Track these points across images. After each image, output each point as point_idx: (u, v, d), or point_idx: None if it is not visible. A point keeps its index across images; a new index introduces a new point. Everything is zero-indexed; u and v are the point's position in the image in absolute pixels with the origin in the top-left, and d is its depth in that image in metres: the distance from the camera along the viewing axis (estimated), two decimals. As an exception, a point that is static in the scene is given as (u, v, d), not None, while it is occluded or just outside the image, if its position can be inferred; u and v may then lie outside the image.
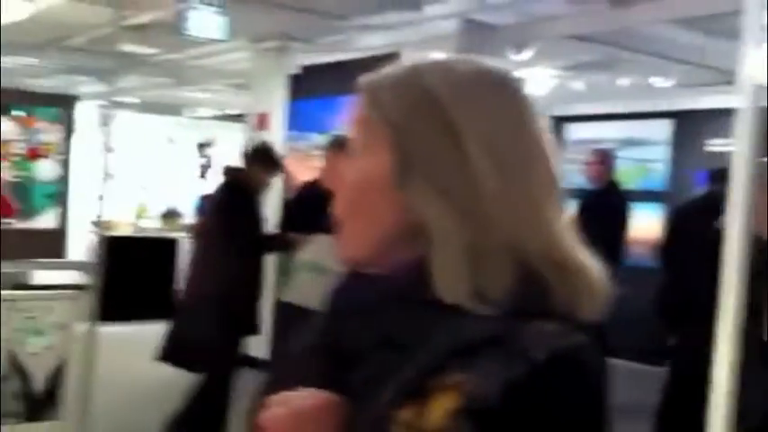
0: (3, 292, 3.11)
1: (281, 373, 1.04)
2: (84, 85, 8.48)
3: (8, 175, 3.29)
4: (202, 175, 10.28)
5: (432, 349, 0.81)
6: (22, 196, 3.30)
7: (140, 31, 5.82)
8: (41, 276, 5.91)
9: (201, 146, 10.31)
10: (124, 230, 7.79)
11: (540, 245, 0.85)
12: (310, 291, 3.91)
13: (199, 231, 4.70)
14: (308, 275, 3.81)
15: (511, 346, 0.78)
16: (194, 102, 10.07)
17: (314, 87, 6.39)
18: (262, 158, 4.38)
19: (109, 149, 3.61)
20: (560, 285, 0.84)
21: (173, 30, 5.23)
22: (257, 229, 4.25)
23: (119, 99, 6.93)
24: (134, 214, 8.75)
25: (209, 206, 4.56)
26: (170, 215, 8.97)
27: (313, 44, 6.41)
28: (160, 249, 7.71)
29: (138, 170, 9.00)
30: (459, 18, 5.28)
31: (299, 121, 6.59)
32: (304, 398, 0.88)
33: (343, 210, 0.92)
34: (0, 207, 3.27)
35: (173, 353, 4.14)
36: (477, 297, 0.81)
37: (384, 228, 0.88)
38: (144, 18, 5.45)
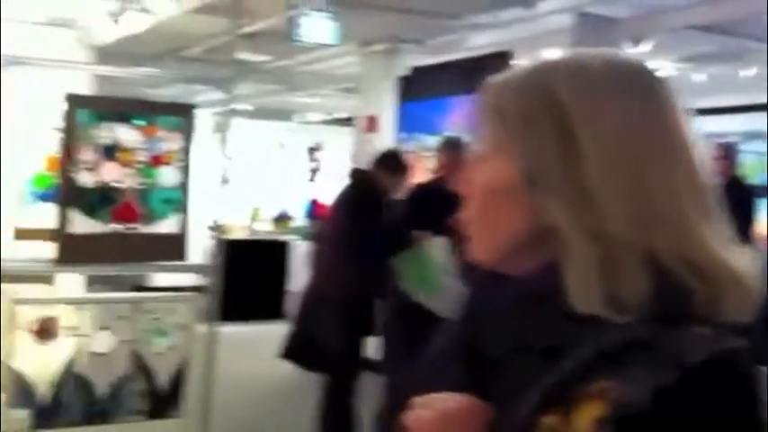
0: (129, 294, 3.22)
1: (417, 376, 1.02)
2: (200, 94, 8.77)
3: (132, 181, 3.38)
4: (312, 179, 10.47)
5: (574, 356, 0.78)
6: (145, 202, 3.39)
7: (254, 40, 5.96)
8: (164, 279, 6.14)
9: (311, 150, 10.49)
10: (239, 234, 8.01)
11: (676, 245, 0.81)
12: (436, 293, 3.90)
13: (322, 232, 4.73)
14: (432, 277, 3.79)
15: (659, 351, 0.74)
16: (304, 107, 10.27)
17: (424, 89, 6.39)
18: (389, 163, 4.37)
19: (227, 156, 3.67)
20: (700, 286, 0.80)
21: (284, 37, 5.33)
22: (382, 230, 4.23)
23: (233, 107, 7.12)
24: (248, 218, 8.98)
25: (333, 207, 4.59)
26: (281, 218, 9.17)
27: (422, 45, 6.41)
28: (272, 252, 7.89)
29: (252, 175, 9.25)
30: (573, 12, 5.17)
31: (408, 123, 6.61)
32: (449, 401, 0.88)
33: (472, 213, 0.91)
34: (126, 213, 3.36)
35: (295, 352, 4.20)
36: (613, 304, 0.78)
37: (513, 232, 0.87)
38: (257, 26, 5.57)
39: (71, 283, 4.76)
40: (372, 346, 4.66)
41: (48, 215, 4.76)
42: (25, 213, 4.78)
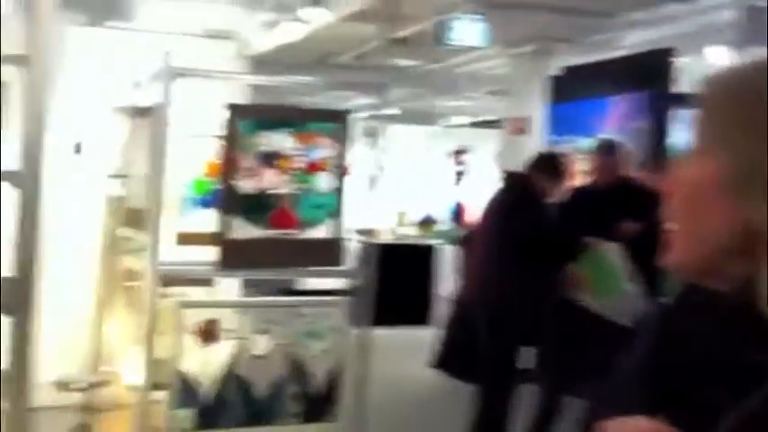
0: (286, 298, 3.28)
1: (608, 397, 0.97)
2: (350, 100, 8.91)
3: (289, 188, 3.44)
4: (457, 183, 10.43)
5: None
6: (301, 208, 3.45)
7: (403, 45, 5.98)
8: (312, 282, 6.26)
9: (456, 153, 10.47)
10: (385, 238, 8.06)
11: None
12: (616, 300, 3.75)
13: (474, 237, 4.64)
14: (614, 283, 3.66)
15: None
16: (450, 110, 10.25)
17: (576, 89, 6.22)
18: (546, 166, 4.26)
19: (379, 163, 3.69)
20: None
21: (433, 41, 5.33)
22: (541, 235, 4.09)
23: (382, 112, 7.20)
24: (395, 221, 9.05)
25: (487, 212, 4.49)
26: (426, 222, 9.18)
27: (574, 45, 6.25)
28: (418, 256, 7.90)
29: (398, 179, 9.32)
30: (738, 6, 4.89)
31: (559, 125, 6.45)
32: (640, 425, 0.83)
33: (673, 214, 0.85)
34: (283, 218, 3.42)
35: (447, 361, 4.15)
36: None
37: (717, 238, 0.81)
38: (407, 32, 5.59)
39: (227, 286, 4.92)
40: (529, 356, 4.56)
41: (206, 220, 4.96)
42: (185, 218, 4.97)
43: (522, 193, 4.16)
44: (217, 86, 4.43)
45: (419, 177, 10.09)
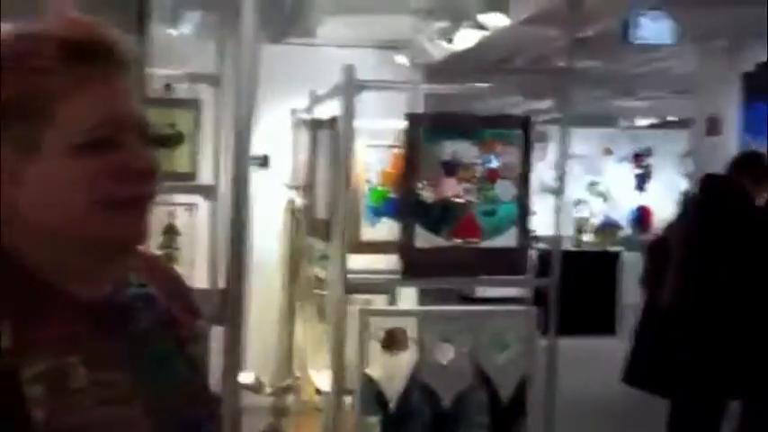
0: (472, 308, 3.25)
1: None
2: (525, 104, 8.76)
3: (471, 196, 3.41)
4: (639, 187, 10.03)
5: None
6: (484, 217, 3.40)
7: (583, 46, 5.80)
8: (491, 290, 6.19)
9: (638, 156, 10.07)
10: (564, 245, 7.84)
11: None
12: None
13: (673, 242, 4.38)
14: None
15: None
16: (632, 111, 9.89)
17: (771, 86, 5.81)
18: (753, 168, 3.96)
19: (559, 169, 3.58)
20: None
21: (616, 40, 5.14)
22: (757, 243, 3.78)
23: (559, 115, 7.03)
24: (574, 228, 8.82)
25: (683, 217, 4.23)
26: (607, 228, 8.89)
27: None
28: (601, 263, 7.64)
29: (577, 184, 9.07)
30: None
31: (755, 124, 6.04)
32: None
33: None
34: (466, 228, 3.39)
35: (641, 376, 3.95)
36: None
37: None
38: (588, 32, 5.42)
39: (405, 294, 4.95)
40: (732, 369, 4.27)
41: (383, 229, 5.01)
42: (365, 227, 5.04)
43: (724, 197, 3.89)
44: (389, 96, 4.48)
45: (598, 182, 9.80)
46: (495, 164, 3.48)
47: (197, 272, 3.51)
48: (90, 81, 0.96)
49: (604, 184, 9.95)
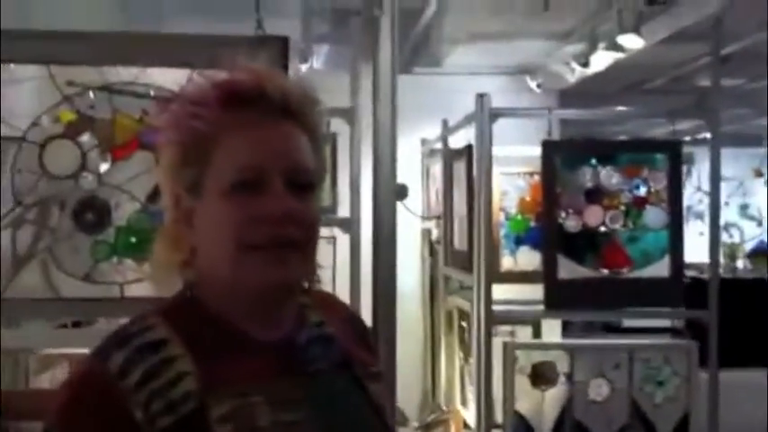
0: (625, 341, 3.12)
1: None
2: (663, 126, 8.47)
3: (618, 224, 3.28)
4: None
5: None
6: (632, 245, 3.27)
7: (725, 64, 5.54)
8: (653, 323, 5.92)
9: (789, 174, 9.53)
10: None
11: None
12: None
13: None
14: None
15: None
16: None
17: None
18: None
19: (714, 192, 3.40)
20: None
21: (761, 56, 4.89)
22: None
23: (704, 135, 6.75)
24: (724, 254, 8.40)
25: None
26: (760, 253, 8.41)
27: None
28: (757, 290, 7.20)
29: (726, 207, 8.65)
30: None
31: None
32: None
33: None
34: (613, 257, 3.27)
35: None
36: None
37: None
38: (729, 49, 5.18)
39: (550, 325, 4.80)
40: None
41: (523, 258, 4.90)
42: (505, 257, 4.95)
43: None
44: (522, 122, 4.40)
45: (749, 204, 9.33)
46: (642, 190, 3.35)
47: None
48: (244, 126, 1.00)
49: (755, 207, 9.46)
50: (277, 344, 1.03)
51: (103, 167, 1.86)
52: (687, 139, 7.21)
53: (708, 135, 3.29)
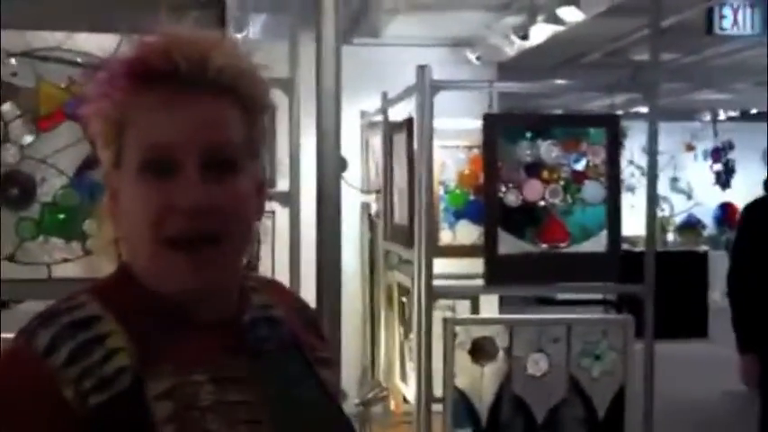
0: (562, 316, 3.13)
1: None
2: (596, 100, 8.57)
3: (557, 199, 3.28)
4: (722, 183, 9.70)
5: None
6: (571, 220, 3.28)
7: (662, 37, 5.59)
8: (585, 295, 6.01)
9: (719, 150, 9.75)
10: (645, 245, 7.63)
11: None
12: None
13: None
14: None
15: None
16: (713, 104, 9.56)
17: None
18: None
19: (651, 167, 3.42)
20: None
21: (698, 31, 4.94)
22: None
23: (636, 110, 6.86)
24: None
25: None
26: (690, 226, 8.62)
27: None
28: (686, 264, 7.38)
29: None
30: None
31: None
32: None
33: None
34: (552, 232, 3.27)
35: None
36: None
37: None
38: (665, 22, 5.22)
39: (487, 300, 4.82)
40: None
41: (462, 232, 4.89)
42: (441, 231, 4.94)
43: None
44: (460, 94, 4.37)
45: (679, 178, 9.53)
46: (581, 164, 3.35)
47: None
48: (153, 105, 0.93)
49: (686, 181, 9.67)
50: (220, 323, 0.97)
51: (27, 139, 1.75)
52: (622, 113, 7.31)
53: (641, 109, 3.30)
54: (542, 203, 3.28)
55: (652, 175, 3.48)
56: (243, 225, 0.96)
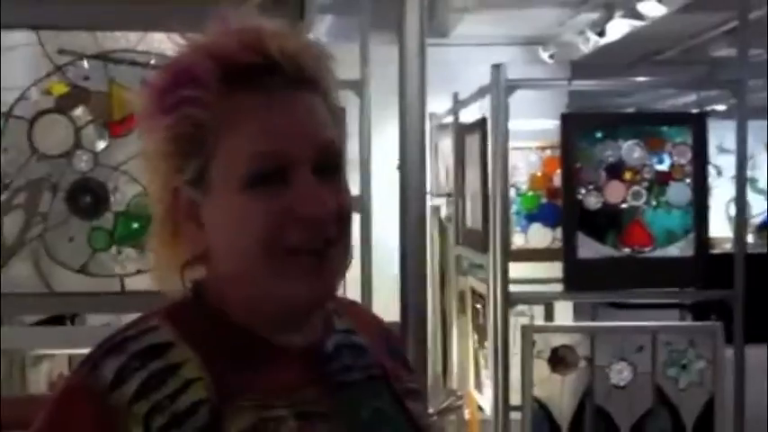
0: (646, 323, 3.00)
1: None
2: (673, 98, 8.32)
3: (640, 201, 3.15)
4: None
5: None
6: (655, 223, 3.15)
7: (737, 34, 5.38)
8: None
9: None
10: (723, 247, 7.40)
11: None
12: None
13: None
14: None
15: None
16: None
17: None
18: None
19: (740, 168, 3.26)
20: None
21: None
22: None
23: (712, 108, 6.63)
24: (732, 228, 8.28)
25: None
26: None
27: None
28: (764, 266, 7.10)
29: (732, 180, 8.55)
30: None
31: None
32: None
33: None
34: (635, 235, 3.14)
35: None
36: None
37: None
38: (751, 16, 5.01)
39: (563, 306, 4.69)
40: None
41: (535, 236, 4.77)
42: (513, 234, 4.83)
43: None
44: (530, 94, 4.27)
45: (757, 178, 9.22)
46: (665, 165, 3.22)
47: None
48: (253, 107, 0.84)
49: (764, 181, 9.34)
50: (302, 351, 0.88)
51: (100, 145, 1.71)
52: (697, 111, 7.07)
53: (717, 107, 3.14)
54: (624, 206, 3.17)
55: (741, 177, 3.31)
56: (351, 229, 0.88)
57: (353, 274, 2.92)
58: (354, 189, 3.09)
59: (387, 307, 2.06)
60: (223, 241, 0.85)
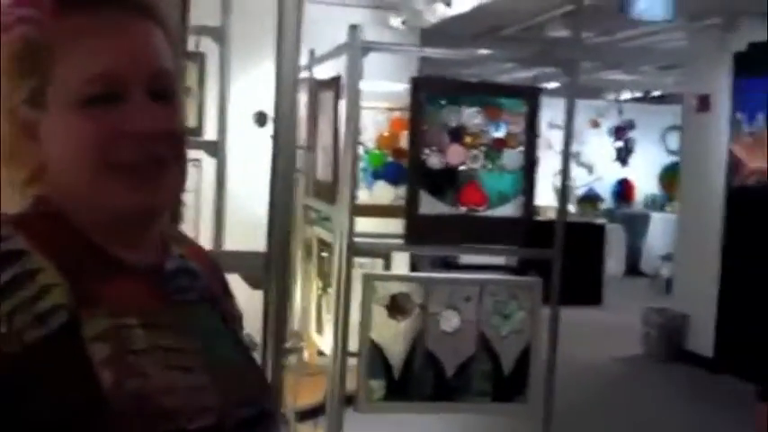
0: (476, 276, 3.26)
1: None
2: (509, 73, 8.75)
3: (477, 164, 3.40)
4: (621, 160, 10.12)
5: None
6: (489, 185, 3.41)
7: (573, 17, 5.79)
8: (475, 258, 6.19)
9: (620, 129, 10.15)
10: (547, 216, 7.95)
11: None
12: None
13: None
14: None
15: None
16: (617, 85, 9.93)
17: (763, 66, 5.85)
18: None
19: (568, 141, 3.58)
20: None
21: (610, 14, 5.13)
22: None
23: (546, 85, 7.08)
24: (556, 198, 8.90)
25: None
26: (589, 199, 8.98)
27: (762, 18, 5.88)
28: (585, 234, 7.73)
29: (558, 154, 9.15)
30: None
31: (745, 102, 6.10)
32: None
33: None
34: (471, 195, 3.39)
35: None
36: None
37: None
38: (586, 3, 5.41)
39: (399, 260, 4.94)
40: None
41: (379, 192, 4.98)
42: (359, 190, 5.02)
43: None
44: (382, 57, 4.44)
45: (581, 152, 9.89)
46: (502, 132, 3.47)
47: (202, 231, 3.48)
48: (89, 30, 0.88)
49: (587, 156, 10.03)
50: (144, 268, 0.94)
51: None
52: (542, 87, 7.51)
53: (549, 85, 3.45)
54: (463, 167, 3.38)
55: (566, 149, 3.64)
56: (185, 152, 0.93)
57: (206, 214, 3.02)
58: (213, 134, 3.17)
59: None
60: (59, 157, 0.89)
